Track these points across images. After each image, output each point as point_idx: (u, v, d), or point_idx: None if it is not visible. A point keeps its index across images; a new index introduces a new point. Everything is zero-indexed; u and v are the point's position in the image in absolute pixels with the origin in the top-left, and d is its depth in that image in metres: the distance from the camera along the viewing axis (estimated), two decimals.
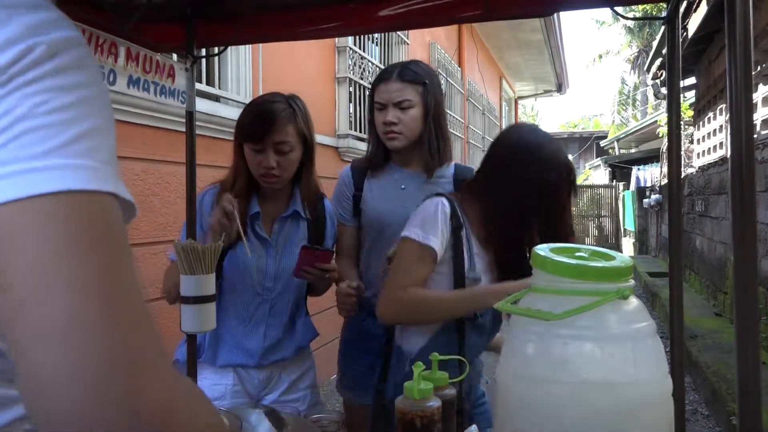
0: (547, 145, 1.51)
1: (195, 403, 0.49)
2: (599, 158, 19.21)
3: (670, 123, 1.47)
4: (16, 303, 0.41)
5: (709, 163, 7.09)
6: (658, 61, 8.18)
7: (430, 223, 1.47)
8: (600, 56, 26.07)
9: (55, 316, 0.40)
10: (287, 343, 1.78)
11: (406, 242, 1.48)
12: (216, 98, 3.37)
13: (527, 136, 1.53)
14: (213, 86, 3.42)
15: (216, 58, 3.37)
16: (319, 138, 4.50)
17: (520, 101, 15.27)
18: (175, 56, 1.88)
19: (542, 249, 0.99)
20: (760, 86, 4.86)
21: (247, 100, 3.37)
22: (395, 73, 1.79)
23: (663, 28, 1.70)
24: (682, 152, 2.80)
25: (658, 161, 12.23)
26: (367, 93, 5.08)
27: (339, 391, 1.97)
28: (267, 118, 1.66)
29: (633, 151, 17.05)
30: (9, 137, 0.42)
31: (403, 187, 1.85)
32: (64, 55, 0.46)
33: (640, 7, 1.75)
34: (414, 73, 1.79)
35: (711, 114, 7.01)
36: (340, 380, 1.96)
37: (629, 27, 22.49)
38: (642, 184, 13.29)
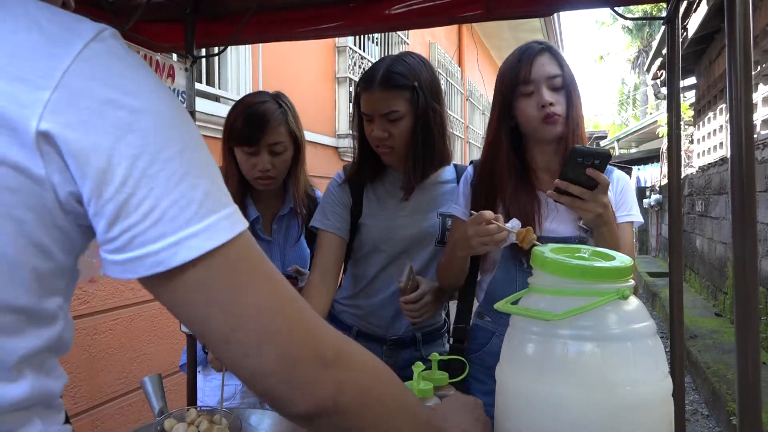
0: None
1: (383, 383, 0.65)
2: None
3: (670, 123, 1.47)
4: (222, 336, 0.55)
5: (709, 163, 7.09)
6: (658, 61, 8.18)
7: (458, 193, 1.58)
8: (601, 57, 26.07)
9: (259, 337, 0.55)
10: None
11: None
12: (216, 98, 3.37)
13: None
14: (213, 86, 3.42)
15: (216, 58, 3.37)
16: (319, 138, 4.51)
17: None
18: (175, 56, 1.88)
19: (542, 249, 0.99)
20: (760, 86, 4.86)
21: None
22: (378, 80, 1.53)
23: (663, 28, 1.70)
24: (682, 152, 2.80)
25: (658, 161, 12.23)
26: None
27: None
28: (261, 120, 1.63)
29: (633, 151, 17.04)
30: (158, 216, 0.51)
31: (404, 197, 1.64)
32: (166, 119, 0.53)
33: (640, 7, 1.74)
34: (399, 77, 1.53)
35: (711, 114, 7.01)
36: None
37: (629, 27, 22.48)
38: (642, 184, 13.29)
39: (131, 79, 0.52)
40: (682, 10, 1.47)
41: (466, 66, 8.85)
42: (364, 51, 5.12)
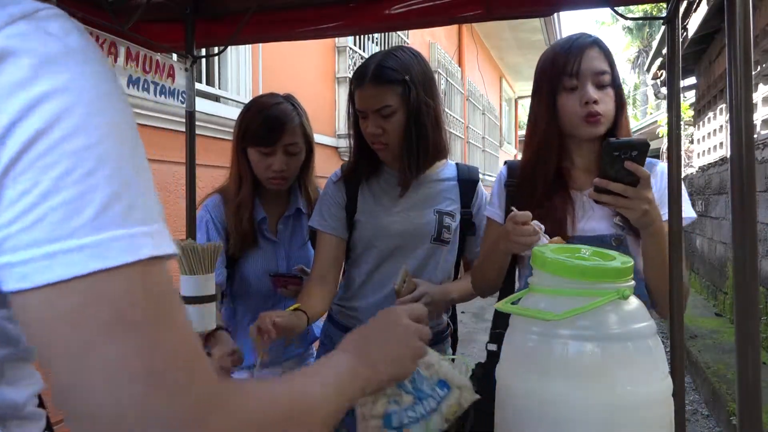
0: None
1: None
2: None
3: (670, 123, 1.47)
4: (64, 385, 0.42)
5: (709, 163, 7.10)
6: (658, 61, 8.19)
7: (492, 195, 1.53)
8: None
9: (102, 402, 0.41)
10: (302, 339, 1.83)
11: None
12: (216, 98, 3.37)
13: None
14: (213, 86, 3.42)
15: (216, 58, 3.37)
16: (319, 138, 4.51)
17: (520, 101, 15.28)
18: (175, 56, 1.88)
19: (543, 249, 0.99)
20: (760, 86, 4.86)
21: (247, 100, 3.36)
22: (369, 76, 1.53)
23: (663, 28, 1.70)
24: (682, 152, 2.80)
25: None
26: None
27: None
28: (278, 121, 1.66)
29: None
30: (37, 217, 0.41)
31: (401, 193, 1.62)
32: (80, 104, 0.43)
33: (640, 7, 1.74)
34: (390, 71, 1.51)
35: (711, 114, 7.01)
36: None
37: (629, 27, 22.50)
38: None
39: (59, 61, 0.44)
40: (682, 10, 1.47)
41: (466, 66, 8.85)
42: (364, 51, 5.12)
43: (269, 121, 1.65)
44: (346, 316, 1.69)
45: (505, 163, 1.57)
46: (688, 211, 1.39)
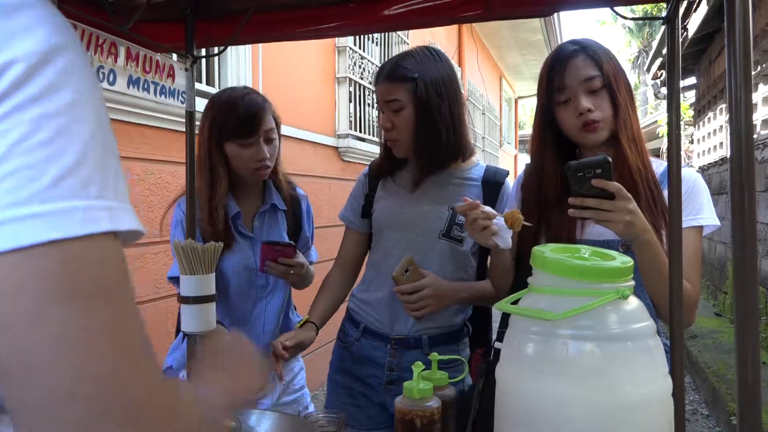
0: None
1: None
2: None
3: (670, 123, 1.47)
4: (5, 361, 0.39)
5: (709, 163, 7.10)
6: (658, 61, 8.20)
7: (510, 197, 1.59)
8: None
9: (50, 386, 0.39)
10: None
11: None
12: None
13: None
14: (213, 86, 3.42)
15: (216, 58, 3.37)
16: (319, 138, 4.51)
17: (520, 101, 15.28)
18: (175, 56, 1.88)
19: (542, 249, 0.99)
20: (760, 86, 4.87)
21: None
22: (385, 73, 1.61)
23: (663, 28, 1.70)
24: (682, 152, 2.80)
25: None
26: (367, 93, 5.09)
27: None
28: (255, 110, 1.67)
29: None
30: None
31: (412, 189, 1.67)
32: (45, 73, 0.41)
33: (640, 7, 1.75)
34: (403, 69, 1.57)
35: (711, 114, 7.01)
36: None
37: (629, 27, 22.52)
38: None
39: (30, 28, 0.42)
40: (682, 10, 1.47)
41: (466, 66, 8.84)
42: (364, 51, 5.12)
43: (247, 112, 1.66)
44: (359, 311, 1.71)
45: (525, 166, 1.60)
46: (707, 219, 1.42)
